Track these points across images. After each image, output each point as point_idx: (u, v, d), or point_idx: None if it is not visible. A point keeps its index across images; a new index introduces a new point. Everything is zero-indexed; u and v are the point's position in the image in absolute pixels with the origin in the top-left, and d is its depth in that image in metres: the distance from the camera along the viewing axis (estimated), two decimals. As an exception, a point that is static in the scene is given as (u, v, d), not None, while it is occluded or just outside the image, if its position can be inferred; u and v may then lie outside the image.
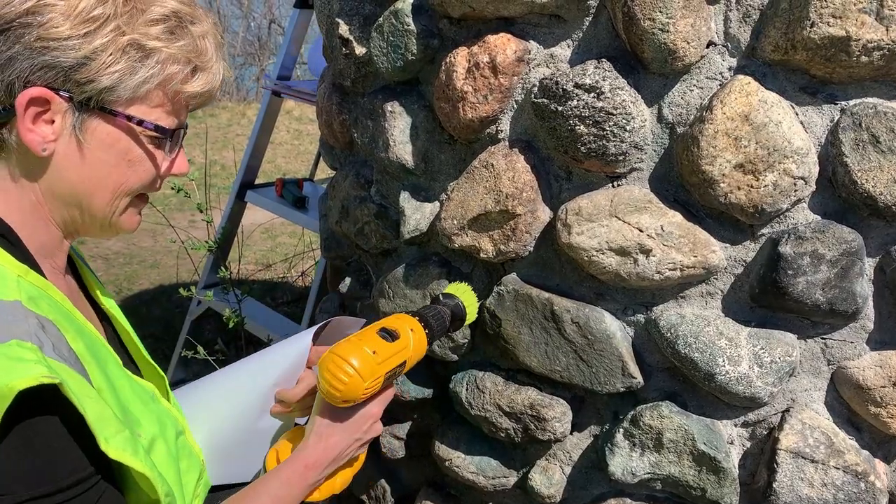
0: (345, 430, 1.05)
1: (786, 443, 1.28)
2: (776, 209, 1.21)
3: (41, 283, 0.84)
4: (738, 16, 1.19)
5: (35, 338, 0.75)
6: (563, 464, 1.51)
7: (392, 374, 1.06)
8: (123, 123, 0.85)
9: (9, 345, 0.72)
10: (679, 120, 1.25)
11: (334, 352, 1.00)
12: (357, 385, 0.99)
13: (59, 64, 0.79)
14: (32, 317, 0.78)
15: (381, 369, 1.02)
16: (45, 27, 0.78)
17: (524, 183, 1.36)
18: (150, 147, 0.88)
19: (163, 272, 4.95)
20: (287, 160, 7.83)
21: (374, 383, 1.02)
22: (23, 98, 0.79)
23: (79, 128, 0.83)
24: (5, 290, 0.78)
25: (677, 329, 1.29)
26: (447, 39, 1.45)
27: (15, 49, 0.78)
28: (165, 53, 0.85)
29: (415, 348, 1.10)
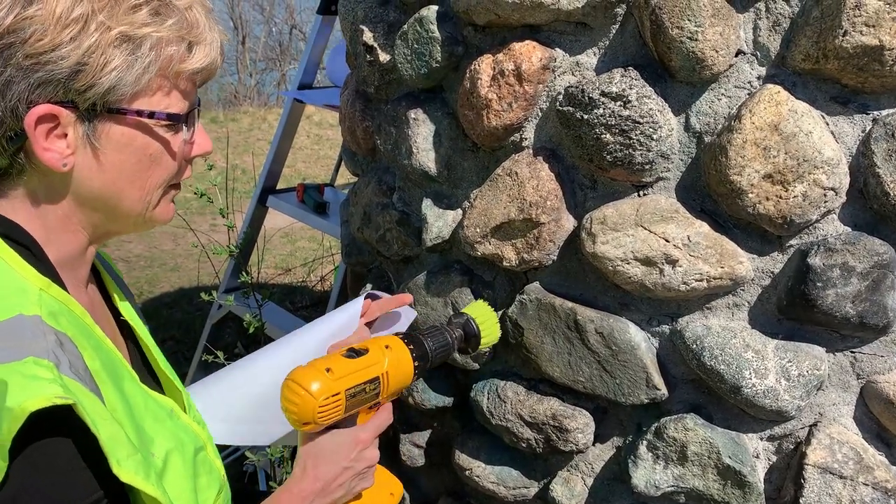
0: (330, 459, 0.98)
1: (813, 458, 1.26)
2: (805, 220, 1.19)
3: (63, 297, 0.83)
4: (768, 24, 1.18)
5: (52, 355, 0.74)
6: (585, 475, 1.49)
7: (360, 391, 0.99)
8: (134, 120, 0.83)
9: (25, 362, 0.72)
10: (707, 129, 1.24)
11: (290, 376, 0.97)
12: (309, 404, 0.94)
13: (55, 77, 0.77)
14: (51, 333, 0.77)
15: (339, 386, 0.96)
16: (30, 43, 0.76)
17: (548, 191, 1.35)
18: (167, 136, 0.86)
19: (183, 275, 4.98)
20: (307, 165, 7.87)
21: (331, 402, 0.95)
22: (30, 119, 0.77)
23: (92, 135, 0.81)
24: (27, 305, 0.78)
25: (703, 341, 1.28)
26: (472, 47, 1.45)
27: (7, 73, 0.76)
28: (156, 38, 0.81)
29: (392, 365, 1.03)
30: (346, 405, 0.98)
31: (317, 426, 0.97)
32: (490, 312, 1.21)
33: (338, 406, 0.97)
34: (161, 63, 0.82)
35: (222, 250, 2.38)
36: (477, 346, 1.19)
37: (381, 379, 1.02)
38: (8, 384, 0.70)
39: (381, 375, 1.02)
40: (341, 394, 0.96)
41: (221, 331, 3.50)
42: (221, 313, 3.20)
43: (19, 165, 0.82)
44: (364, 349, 1.03)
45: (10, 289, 0.79)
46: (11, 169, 0.82)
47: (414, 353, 1.07)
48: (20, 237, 0.83)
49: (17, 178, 0.83)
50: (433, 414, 1.70)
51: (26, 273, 0.81)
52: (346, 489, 1.00)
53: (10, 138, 0.79)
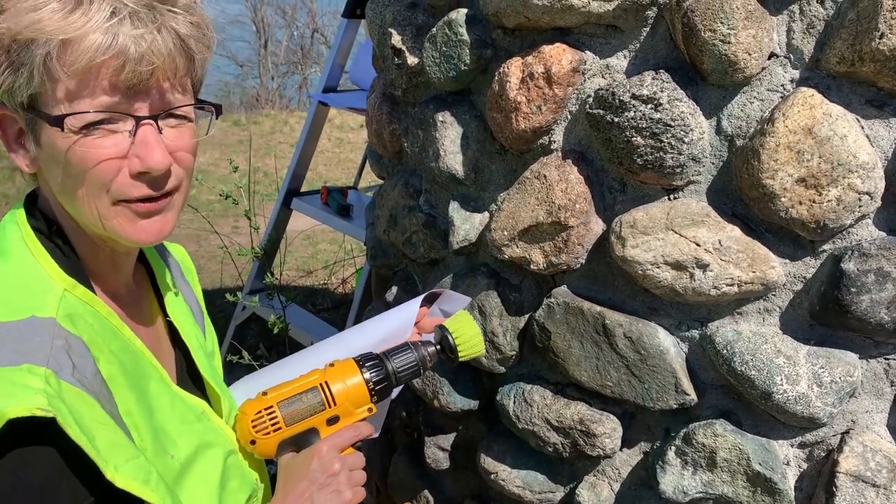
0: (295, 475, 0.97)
1: (846, 465, 1.24)
2: (839, 225, 1.18)
3: (87, 298, 0.83)
4: (802, 27, 1.17)
5: (54, 361, 0.74)
6: (612, 480, 1.49)
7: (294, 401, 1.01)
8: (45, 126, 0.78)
9: (19, 369, 0.73)
10: (738, 132, 1.23)
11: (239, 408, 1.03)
12: (243, 423, 0.99)
13: None
14: (61, 337, 0.77)
15: (270, 401, 1.00)
16: None
17: (577, 194, 1.34)
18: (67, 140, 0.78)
19: (206, 277, 5.01)
20: (328, 168, 7.91)
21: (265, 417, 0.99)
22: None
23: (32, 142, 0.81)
24: (43, 306, 0.78)
25: (733, 346, 1.26)
26: (500, 50, 1.45)
27: None
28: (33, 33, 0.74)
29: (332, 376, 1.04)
30: (284, 416, 1.00)
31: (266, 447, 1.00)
32: (469, 324, 1.19)
33: (274, 419, 1.00)
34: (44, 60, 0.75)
35: (248, 252, 2.39)
36: (455, 359, 1.19)
37: (320, 389, 1.03)
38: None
39: (318, 385, 1.04)
40: (274, 406, 1.00)
41: (244, 332, 3.53)
42: (245, 314, 3.22)
43: None
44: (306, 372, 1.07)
45: (33, 287, 0.81)
46: None
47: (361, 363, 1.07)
48: (55, 234, 0.85)
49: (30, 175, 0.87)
50: (458, 417, 1.70)
51: (53, 272, 0.82)
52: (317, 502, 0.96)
53: None
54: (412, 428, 1.88)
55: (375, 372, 1.07)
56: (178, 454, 0.86)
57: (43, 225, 0.85)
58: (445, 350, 1.17)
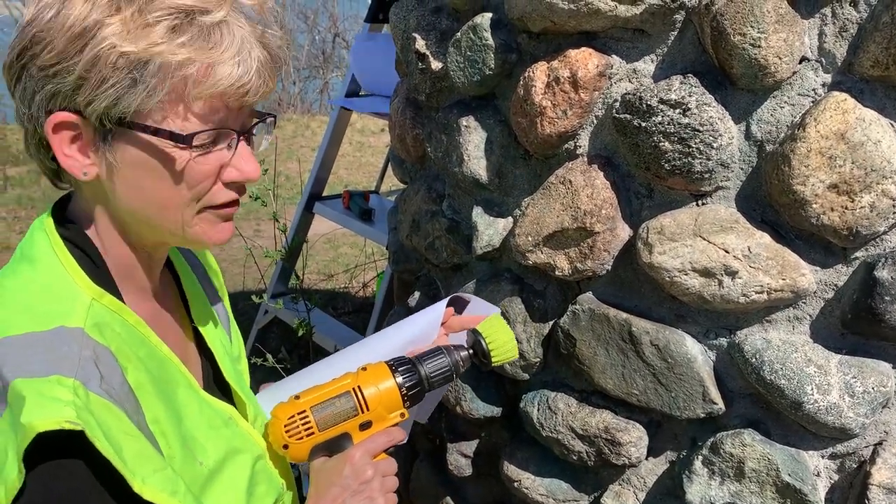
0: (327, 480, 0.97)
1: (878, 478, 1.22)
2: (872, 232, 1.15)
3: (115, 306, 0.83)
4: (834, 30, 1.15)
5: (83, 372, 0.74)
6: (637, 490, 1.47)
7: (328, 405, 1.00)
8: (145, 138, 0.80)
9: (48, 380, 0.72)
10: (768, 138, 1.21)
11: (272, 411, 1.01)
12: (276, 427, 0.98)
13: (61, 89, 0.77)
14: (89, 348, 0.77)
15: (303, 405, 0.99)
16: (41, 56, 0.77)
17: (603, 200, 1.33)
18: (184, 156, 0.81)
19: (229, 280, 5.04)
20: (349, 172, 7.93)
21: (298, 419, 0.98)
22: (48, 126, 0.79)
23: (109, 150, 0.81)
24: (71, 316, 0.78)
25: (763, 354, 1.24)
26: (525, 54, 1.44)
27: (31, 83, 0.78)
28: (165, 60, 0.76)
29: (364, 380, 1.03)
30: (318, 421, 0.99)
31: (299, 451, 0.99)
32: (503, 328, 1.17)
33: (307, 424, 0.98)
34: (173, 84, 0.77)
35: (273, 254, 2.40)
36: (489, 364, 1.17)
37: (353, 393, 1.02)
38: (25, 400, 0.71)
39: (351, 390, 1.02)
40: (307, 411, 0.99)
41: (266, 335, 3.54)
42: (268, 318, 3.23)
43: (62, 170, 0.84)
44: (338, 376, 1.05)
45: (61, 297, 0.80)
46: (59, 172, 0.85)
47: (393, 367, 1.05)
48: (83, 244, 0.85)
49: (74, 184, 0.86)
50: (481, 423, 1.69)
51: (81, 281, 0.82)
52: None
53: (43, 145, 0.82)
54: (434, 434, 1.88)
55: (408, 377, 1.06)
56: (207, 460, 0.86)
57: (73, 234, 0.85)
58: (478, 355, 1.15)
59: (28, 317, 0.77)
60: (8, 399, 0.72)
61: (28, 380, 0.72)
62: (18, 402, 0.71)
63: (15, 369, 0.73)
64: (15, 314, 0.78)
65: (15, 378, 0.72)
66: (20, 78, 0.79)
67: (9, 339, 0.75)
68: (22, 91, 0.80)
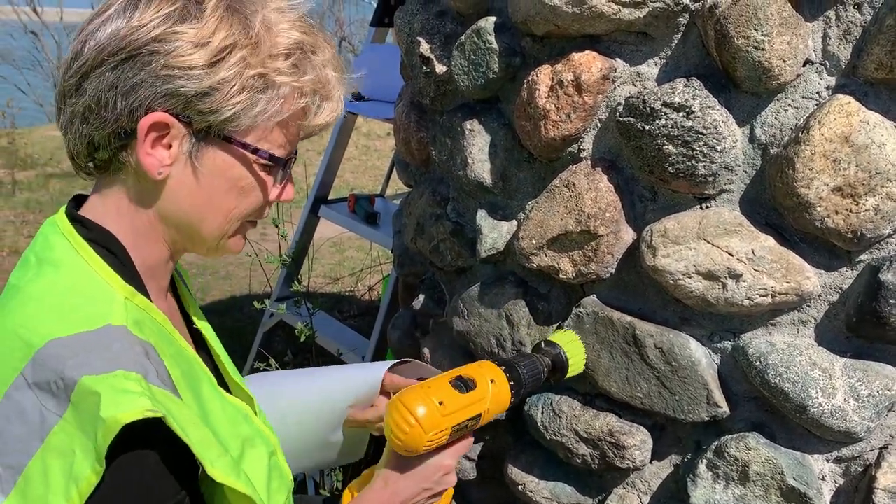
0: (413, 479, 1.02)
1: (884, 482, 1.21)
2: (877, 235, 1.15)
3: (145, 305, 0.85)
4: (838, 33, 1.15)
5: (140, 366, 0.76)
6: (642, 493, 1.46)
7: (462, 427, 1.01)
8: (238, 151, 0.85)
9: (115, 375, 0.73)
10: (772, 141, 1.20)
11: (401, 398, 0.98)
12: (418, 436, 0.96)
13: (183, 92, 0.80)
14: (137, 343, 0.79)
15: (447, 422, 0.98)
16: (173, 55, 0.79)
17: (607, 203, 1.33)
18: (261, 174, 0.88)
19: (234, 284, 5.06)
20: (355, 175, 7.94)
21: (438, 436, 0.98)
22: (145, 122, 0.80)
23: (195, 154, 0.84)
24: (114, 315, 0.80)
25: (767, 358, 1.24)
26: (529, 57, 1.44)
27: (141, 76, 0.79)
28: (290, 87, 0.84)
29: (493, 401, 1.05)
30: (448, 439, 1.00)
31: (416, 453, 0.99)
32: (578, 344, 1.21)
33: (442, 439, 0.99)
34: (292, 112, 0.86)
35: (276, 259, 2.41)
36: (563, 377, 1.17)
37: (483, 415, 1.04)
38: (101, 396, 0.72)
39: (483, 412, 1.04)
40: (447, 430, 0.99)
41: (271, 339, 3.54)
42: (273, 321, 3.23)
43: (118, 163, 0.84)
44: (471, 380, 1.04)
45: (98, 297, 0.82)
46: (111, 165, 0.85)
47: (513, 389, 1.08)
48: (109, 244, 0.86)
49: (113, 175, 0.86)
50: (485, 427, 1.69)
51: (112, 281, 0.83)
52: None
53: (119, 135, 0.83)
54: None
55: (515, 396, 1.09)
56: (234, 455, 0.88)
57: (97, 234, 0.86)
58: (556, 366, 1.17)
59: (72, 318, 0.78)
60: (72, 398, 0.72)
61: (96, 376, 0.73)
62: (91, 399, 0.72)
63: (79, 368, 0.73)
64: (56, 317, 0.78)
65: (82, 376, 0.73)
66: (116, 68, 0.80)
67: (60, 341, 0.75)
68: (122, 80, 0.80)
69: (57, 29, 12.03)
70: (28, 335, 0.76)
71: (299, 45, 0.85)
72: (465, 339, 1.64)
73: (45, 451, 0.71)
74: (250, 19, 0.82)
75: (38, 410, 0.72)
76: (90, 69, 0.81)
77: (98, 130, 0.83)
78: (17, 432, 0.72)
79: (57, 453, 0.71)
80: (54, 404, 0.73)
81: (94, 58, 0.80)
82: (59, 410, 0.72)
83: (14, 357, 0.75)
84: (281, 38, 0.83)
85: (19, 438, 0.72)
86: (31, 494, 0.71)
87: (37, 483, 0.71)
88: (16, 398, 0.73)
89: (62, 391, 0.73)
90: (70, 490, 0.70)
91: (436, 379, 1.04)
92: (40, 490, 0.71)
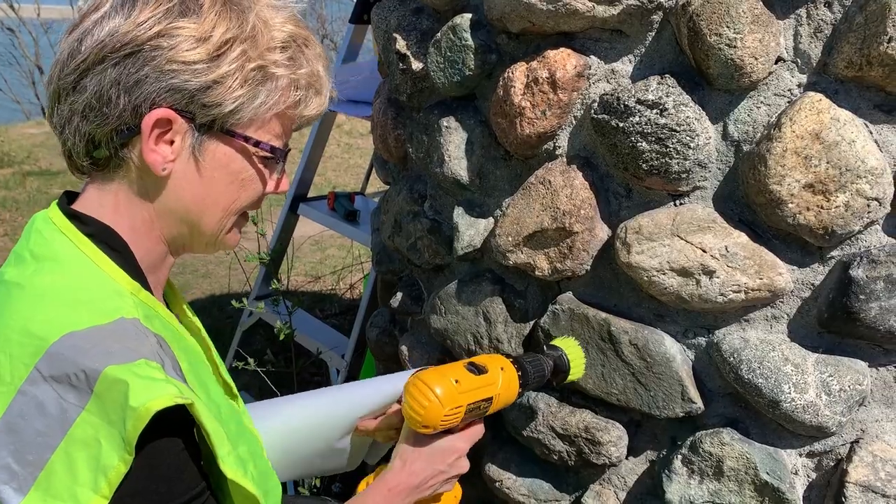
0: (428, 459, 1.04)
1: (855, 475, 1.22)
2: (847, 231, 1.16)
3: (150, 301, 0.85)
4: (809, 31, 1.16)
5: (157, 356, 0.76)
6: (618, 489, 1.47)
7: (475, 407, 1.05)
8: (240, 144, 0.86)
9: (139, 364, 0.73)
10: (745, 138, 1.21)
11: (419, 377, 1.02)
12: (436, 411, 1.00)
13: (187, 87, 0.80)
14: (152, 335, 0.79)
15: (463, 399, 1.02)
16: (175, 50, 0.79)
17: (582, 200, 1.33)
18: (260, 166, 0.89)
19: (214, 282, 5.02)
20: (337, 173, 7.91)
21: (454, 412, 1.01)
22: (149, 119, 0.80)
23: (198, 148, 0.84)
24: (126, 308, 0.80)
25: (741, 353, 1.25)
26: (505, 55, 1.44)
27: (144, 71, 0.79)
28: (288, 79, 0.86)
29: (503, 387, 1.09)
30: (464, 417, 1.04)
31: (434, 430, 1.02)
32: (580, 351, 1.26)
33: (458, 416, 1.03)
34: (287, 104, 0.87)
35: (253, 257, 2.39)
36: (563, 381, 1.22)
37: (494, 399, 1.07)
38: (129, 384, 0.71)
39: (494, 396, 1.07)
40: (463, 406, 1.02)
41: (252, 338, 3.52)
42: (252, 320, 3.21)
43: (118, 160, 0.84)
44: (483, 366, 1.08)
45: (106, 292, 0.81)
46: (110, 162, 0.85)
47: (521, 380, 1.12)
48: (111, 239, 0.85)
49: (112, 171, 0.86)
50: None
51: (118, 277, 0.83)
52: (433, 490, 1.06)
53: (122, 132, 0.82)
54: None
55: (524, 382, 1.13)
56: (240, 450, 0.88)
57: (97, 230, 0.85)
58: (557, 368, 1.22)
59: (85, 312, 0.77)
60: (96, 389, 0.71)
61: (121, 365, 0.72)
62: (118, 388, 0.71)
63: (102, 359, 0.73)
64: (68, 311, 0.77)
65: (106, 366, 0.72)
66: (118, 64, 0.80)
67: (77, 334, 0.75)
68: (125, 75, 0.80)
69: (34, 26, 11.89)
70: (39, 330, 0.74)
71: (294, 38, 0.87)
72: (442, 336, 1.64)
73: (69, 443, 0.70)
74: (246, 14, 0.83)
75: (57, 404, 0.71)
76: (90, 66, 0.80)
77: (99, 128, 0.82)
78: (37, 427, 0.71)
79: (81, 445, 0.70)
80: (75, 396, 0.71)
81: (94, 55, 0.80)
82: (80, 402, 0.71)
83: (24, 353, 0.73)
84: (277, 32, 0.85)
85: (39, 433, 0.71)
86: (54, 489, 0.70)
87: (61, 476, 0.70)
88: (32, 393, 0.72)
89: (83, 383, 0.72)
90: (98, 481, 0.69)
91: (450, 364, 1.09)
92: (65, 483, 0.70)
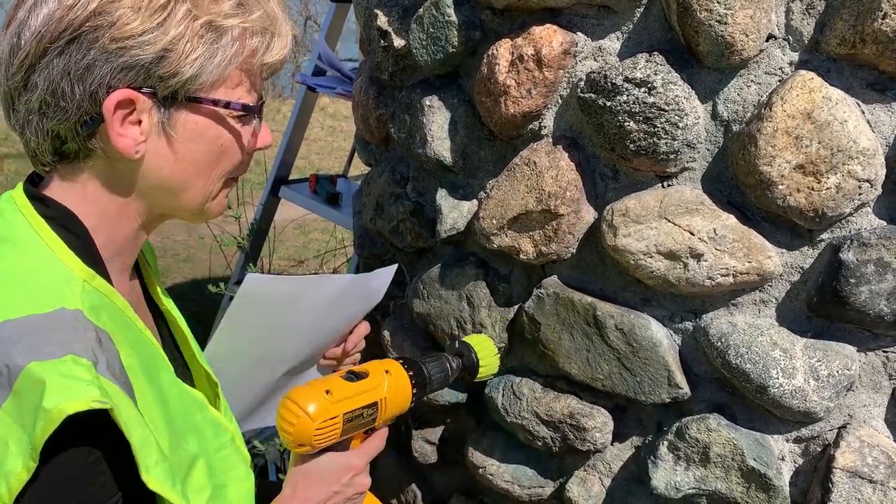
0: (320, 481, 0.97)
1: (842, 461, 1.21)
2: (838, 213, 1.14)
3: (105, 290, 0.81)
4: (802, 7, 1.12)
5: (91, 353, 0.72)
6: (603, 475, 1.45)
7: (357, 416, 0.98)
8: (209, 109, 0.82)
9: (64, 361, 0.69)
10: (735, 117, 1.18)
11: (288, 395, 0.95)
12: (306, 426, 0.93)
13: (139, 62, 0.76)
14: (92, 329, 0.74)
15: (336, 409, 0.95)
16: (117, 27, 0.74)
17: (568, 181, 1.30)
18: (237, 127, 0.85)
19: (196, 266, 4.96)
20: (321, 157, 7.84)
21: (328, 424, 0.94)
22: (109, 103, 0.76)
23: (167, 123, 0.80)
24: (70, 298, 0.75)
25: (728, 338, 1.22)
26: (489, 31, 1.40)
27: (91, 55, 0.75)
28: (240, 28, 0.81)
29: (390, 391, 1.02)
30: (343, 429, 0.97)
31: (312, 448, 0.95)
32: (491, 346, 1.21)
33: (335, 429, 0.95)
34: (245, 55, 0.82)
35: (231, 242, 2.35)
36: (474, 376, 1.19)
37: (380, 404, 1.01)
38: (46, 384, 0.67)
39: (379, 401, 1.01)
40: (339, 417, 0.95)
41: (232, 322, 3.48)
42: (232, 305, 3.17)
43: (87, 150, 0.80)
44: (364, 372, 1.02)
45: (54, 279, 0.77)
46: (79, 153, 0.80)
47: (413, 380, 1.07)
48: (70, 224, 0.81)
49: (81, 162, 0.81)
50: (446, 410, 1.66)
51: (71, 262, 0.78)
52: None
53: (85, 123, 0.78)
54: (399, 421, 1.85)
55: (419, 382, 1.07)
56: (188, 446, 0.84)
57: (56, 213, 0.81)
58: (466, 366, 1.18)
59: (24, 299, 0.73)
60: (15, 386, 0.67)
61: (45, 362, 0.68)
62: (35, 388, 0.67)
63: (27, 353, 0.68)
64: (6, 298, 0.73)
65: (29, 362, 0.68)
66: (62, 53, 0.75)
67: (10, 323, 0.70)
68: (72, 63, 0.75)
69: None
70: None
71: None
72: (424, 321, 1.61)
73: None
74: None
75: None
76: (35, 61, 0.76)
77: (61, 123, 0.78)
78: None
79: None
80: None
81: (35, 48, 0.75)
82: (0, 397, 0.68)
83: None
84: None
85: None
86: None
87: None
88: None
89: (5, 378, 0.68)
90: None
91: (326, 376, 1.02)
92: None
